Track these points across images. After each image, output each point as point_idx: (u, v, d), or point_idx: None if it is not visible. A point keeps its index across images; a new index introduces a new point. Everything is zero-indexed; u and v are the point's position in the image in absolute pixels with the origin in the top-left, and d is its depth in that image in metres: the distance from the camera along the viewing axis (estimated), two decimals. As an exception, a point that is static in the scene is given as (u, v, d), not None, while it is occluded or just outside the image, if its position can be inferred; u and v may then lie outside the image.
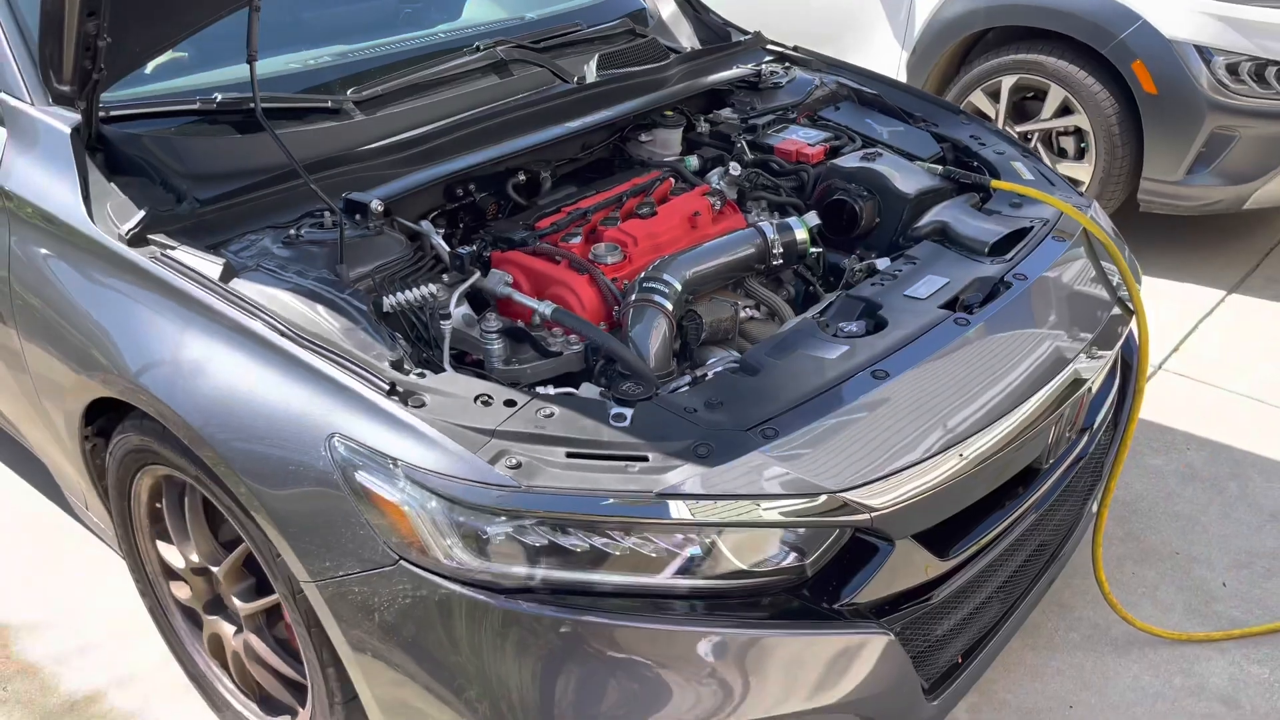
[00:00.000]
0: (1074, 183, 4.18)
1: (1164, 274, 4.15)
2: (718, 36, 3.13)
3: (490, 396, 1.59)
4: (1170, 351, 3.60)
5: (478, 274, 1.93)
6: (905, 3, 4.39)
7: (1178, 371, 3.48)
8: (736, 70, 2.85)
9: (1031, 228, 2.21)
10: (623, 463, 1.52)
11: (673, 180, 2.34)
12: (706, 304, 2.01)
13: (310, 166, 2.08)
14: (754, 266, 2.12)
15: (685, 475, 1.51)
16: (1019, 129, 4.23)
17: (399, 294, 1.82)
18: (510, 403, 1.58)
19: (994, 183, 2.37)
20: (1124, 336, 2.09)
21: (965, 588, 1.82)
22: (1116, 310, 2.08)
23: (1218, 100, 3.74)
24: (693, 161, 2.46)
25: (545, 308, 1.84)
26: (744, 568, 1.58)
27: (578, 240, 2.08)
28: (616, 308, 1.94)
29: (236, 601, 1.95)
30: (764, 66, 2.90)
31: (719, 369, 1.79)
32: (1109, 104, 3.93)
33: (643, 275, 1.94)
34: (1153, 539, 2.73)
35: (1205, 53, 3.73)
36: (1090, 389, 1.96)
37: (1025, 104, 4.28)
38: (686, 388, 1.74)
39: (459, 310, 1.86)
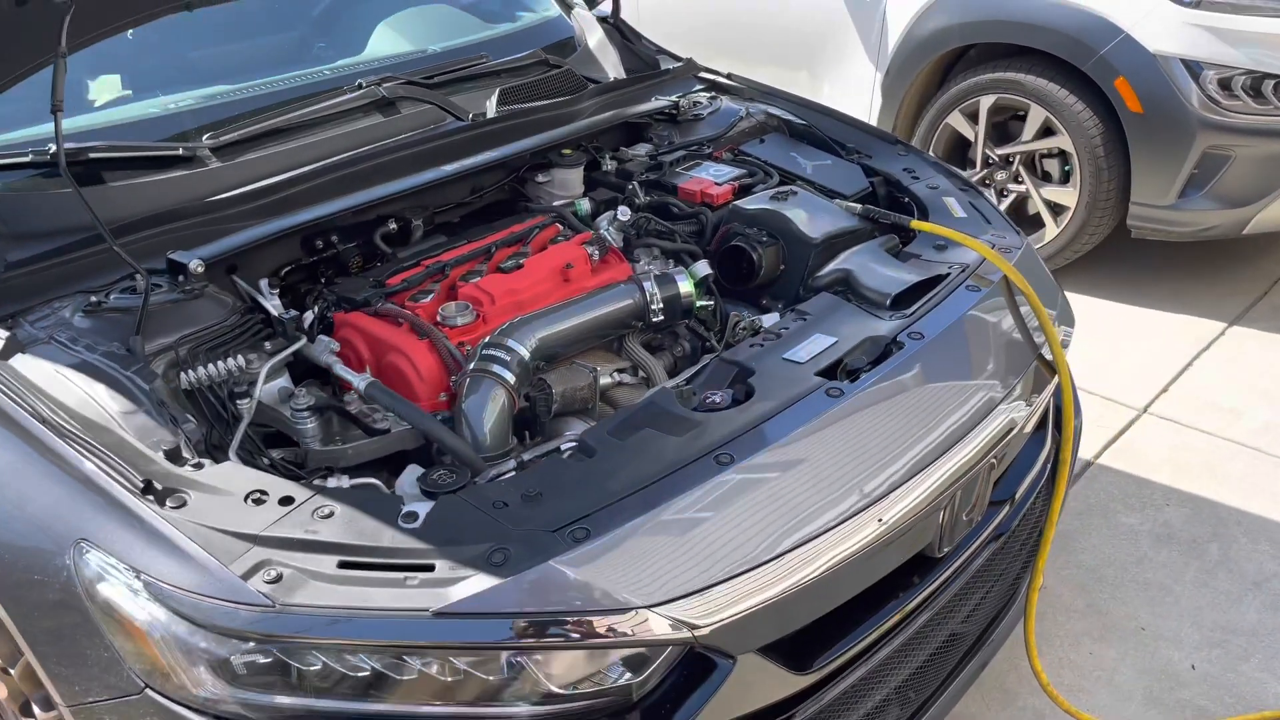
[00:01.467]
0: (1059, 208, 3.91)
1: (1159, 304, 3.86)
2: (647, 66, 2.92)
3: (265, 493, 1.39)
4: (1158, 392, 3.31)
5: (301, 340, 1.74)
6: (878, 21, 4.16)
7: (1164, 415, 3.19)
8: (654, 102, 2.64)
9: (948, 274, 1.97)
10: (402, 573, 1.31)
11: (558, 227, 2.14)
12: (562, 370, 1.80)
13: (152, 220, 1.92)
14: (630, 324, 1.91)
15: (473, 588, 1.30)
16: (1000, 152, 3.97)
17: (204, 367, 1.64)
18: (286, 500, 1.38)
19: (914, 223, 2.14)
20: (1044, 400, 1.84)
21: (843, 699, 1.58)
22: (1036, 368, 1.83)
23: (1209, 118, 3.45)
24: (584, 205, 2.25)
25: (361, 381, 1.64)
26: (558, 691, 1.36)
27: (430, 299, 1.88)
28: (454, 377, 1.73)
29: (36, 710, 1.77)
30: (685, 97, 2.68)
31: (554, 449, 1.58)
32: (1092, 124, 3.66)
33: (484, 341, 1.73)
34: (1117, 611, 2.45)
35: (1194, 67, 3.45)
36: (993, 463, 1.71)
37: (1008, 125, 4.02)
38: (511, 473, 1.53)
39: (274, 384, 1.68)
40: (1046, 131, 3.81)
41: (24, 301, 1.75)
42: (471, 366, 1.69)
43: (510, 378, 1.67)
